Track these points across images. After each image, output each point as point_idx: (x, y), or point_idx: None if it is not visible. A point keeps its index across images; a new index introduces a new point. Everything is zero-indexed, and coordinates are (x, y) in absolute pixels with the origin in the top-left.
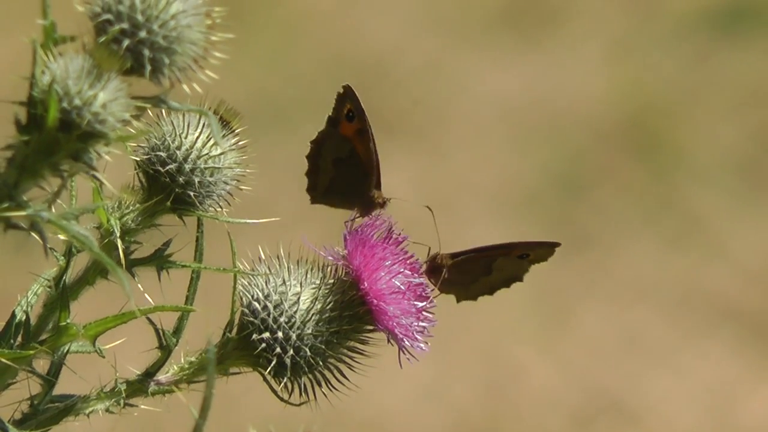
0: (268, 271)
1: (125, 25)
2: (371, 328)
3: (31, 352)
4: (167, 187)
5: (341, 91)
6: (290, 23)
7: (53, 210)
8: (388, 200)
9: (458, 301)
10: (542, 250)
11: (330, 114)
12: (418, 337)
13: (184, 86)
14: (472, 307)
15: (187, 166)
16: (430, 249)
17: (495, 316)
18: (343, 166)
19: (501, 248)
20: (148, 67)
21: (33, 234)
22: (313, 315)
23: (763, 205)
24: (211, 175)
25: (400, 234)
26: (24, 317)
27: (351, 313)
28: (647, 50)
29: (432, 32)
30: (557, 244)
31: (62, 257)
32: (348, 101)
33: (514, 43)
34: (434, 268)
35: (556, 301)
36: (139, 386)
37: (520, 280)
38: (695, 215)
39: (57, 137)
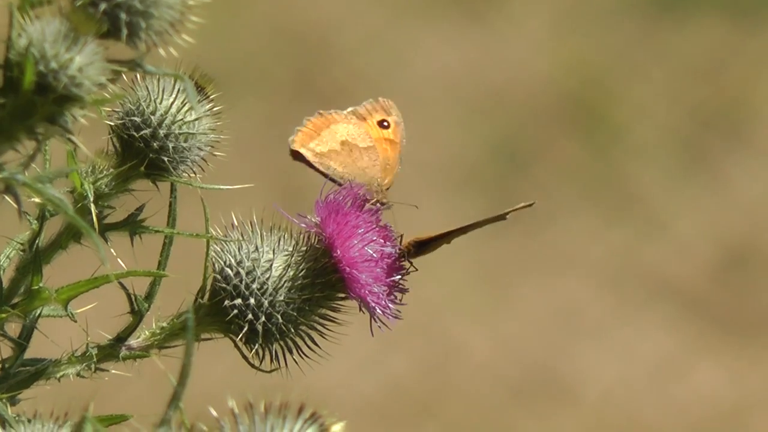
0: (240, 238)
1: None
2: (343, 295)
3: (3, 315)
4: (141, 153)
5: (385, 101)
6: None
7: (27, 173)
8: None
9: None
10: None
11: (356, 108)
12: (390, 305)
13: (160, 50)
14: (411, 282)
15: (162, 132)
16: (402, 236)
17: (434, 291)
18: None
19: (461, 229)
20: (125, 31)
21: (6, 197)
22: (285, 282)
23: (700, 182)
24: (186, 141)
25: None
26: None
27: (323, 280)
28: (590, 27)
29: (375, 6)
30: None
31: (35, 221)
32: (386, 114)
33: (458, 18)
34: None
35: (494, 275)
36: (111, 351)
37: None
38: (633, 191)
39: (33, 100)
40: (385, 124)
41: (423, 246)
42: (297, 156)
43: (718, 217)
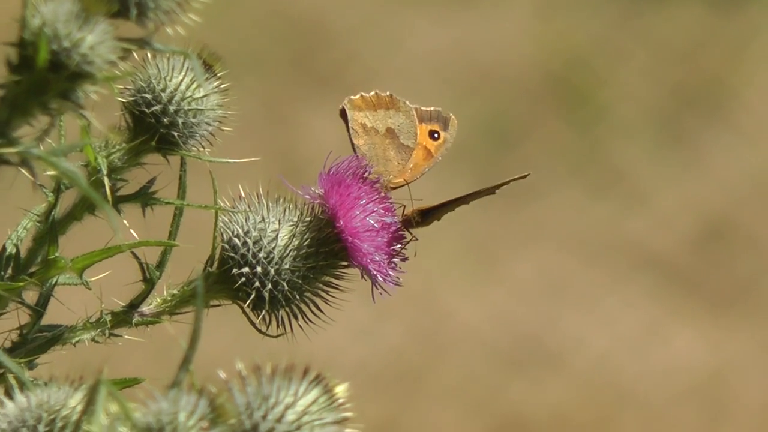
0: (247, 209)
1: None
2: (346, 264)
3: (21, 284)
4: (152, 128)
5: (447, 115)
6: None
7: (42, 147)
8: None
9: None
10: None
11: (422, 107)
12: (390, 273)
13: (168, 29)
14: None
15: (172, 108)
16: (404, 207)
17: (426, 263)
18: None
19: (462, 198)
20: (134, 11)
21: (22, 170)
22: (290, 251)
23: (680, 158)
24: (194, 117)
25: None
26: (14, 250)
27: (327, 249)
28: (574, 10)
29: None
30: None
31: (51, 194)
32: (442, 129)
33: (448, 2)
34: (408, 224)
35: (484, 248)
36: (124, 317)
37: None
38: (616, 167)
39: (47, 77)
40: (436, 136)
41: (426, 215)
42: (343, 115)
43: (698, 192)
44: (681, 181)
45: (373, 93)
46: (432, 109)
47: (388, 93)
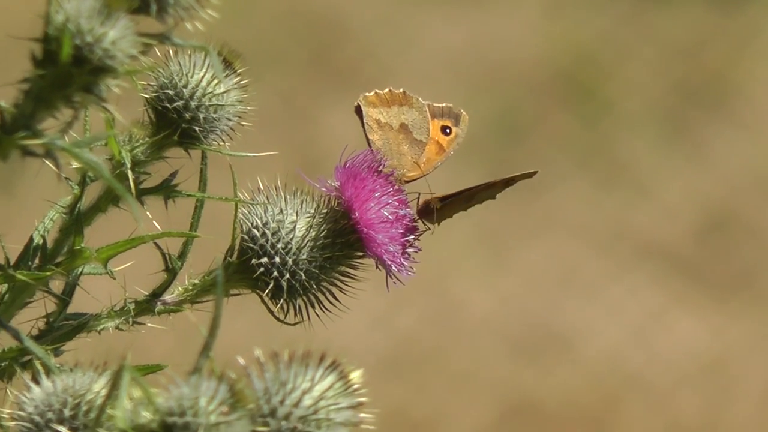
0: (266, 201)
1: None
2: (361, 254)
3: (48, 273)
4: (174, 123)
5: (458, 111)
6: None
7: (67, 139)
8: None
9: (438, 223)
10: (519, 178)
11: (434, 103)
12: (404, 263)
13: (187, 25)
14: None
15: (193, 104)
16: (419, 195)
17: (439, 253)
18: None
19: (483, 185)
20: (154, 7)
21: (47, 162)
22: (307, 242)
23: (683, 151)
24: (215, 112)
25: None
26: (41, 241)
27: (343, 240)
28: (581, 8)
29: None
30: (534, 173)
31: (77, 186)
32: (454, 125)
33: (460, 1)
34: (426, 210)
35: (495, 238)
36: (147, 306)
37: (494, 198)
38: (622, 160)
39: (70, 71)
40: (448, 131)
41: (445, 201)
42: (358, 111)
43: (701, 184)
44: (684, 174)
45: (387, 90)
46: (444, 105)
47: (401, 90)
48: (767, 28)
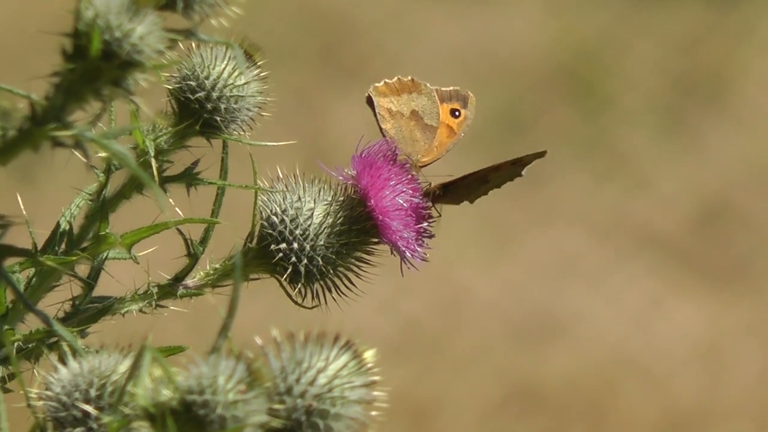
0: (285, 189)
1: None
2: (376, 240)
3: (74, 258)
4: (196, 113)
5: (471, 95)
6: None
7: (95, 131)
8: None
9: (458, 203)
10: (530, 157)
11: (441, 88)
12: (418, 249)
13: (212, 21)
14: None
15: (215, 95)
16: (430, 183)
17: (444, 242)
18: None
19: (489, 169)
20: (181, 4)
21: (76, 152)
22: (325, 228)
23: (680, 144)
24: (236, 103)
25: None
26: (67, 227)
27: (359, 227)
28: (583, 5)
29: None
30: (543, 152)
31: (102, 174)
32: (463, 107)
33: None
34: (430, 196)
35: (499, 227)
36: (169, 290)
37: (513, 179)
38: (621, 152)
39: (99, 66)
40: (457, 114)
41: (448, 188)
42: (369, 102)
43: (697, 175)
44: (681, 166)
45: (395, 79)
46: (451, 89)
47: (409, 77)
48: (761, 25)
